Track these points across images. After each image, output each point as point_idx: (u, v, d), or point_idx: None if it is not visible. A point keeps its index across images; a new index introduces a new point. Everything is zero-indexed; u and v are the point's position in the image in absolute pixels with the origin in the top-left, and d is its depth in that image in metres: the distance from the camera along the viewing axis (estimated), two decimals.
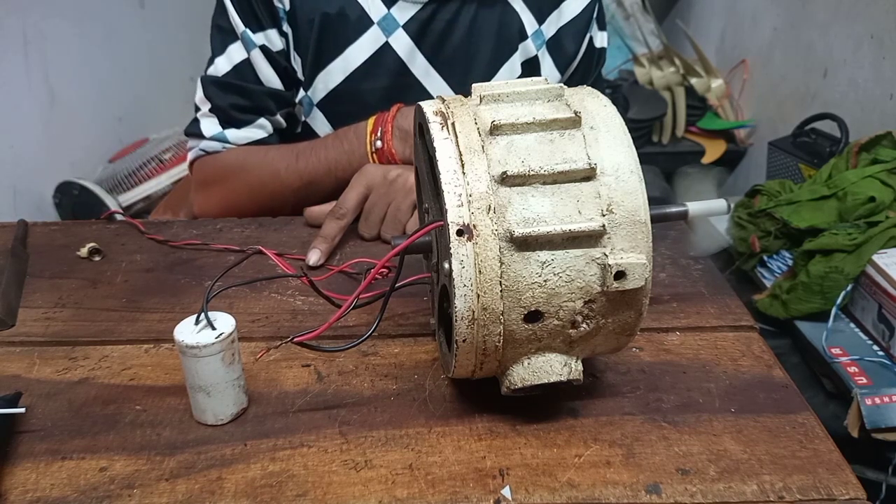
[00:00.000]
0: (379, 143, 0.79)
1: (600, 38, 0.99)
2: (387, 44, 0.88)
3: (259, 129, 0.90)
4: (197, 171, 0.92)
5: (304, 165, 0.84)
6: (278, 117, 0.91)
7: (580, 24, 0.94)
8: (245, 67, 0.88)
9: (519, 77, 0.92)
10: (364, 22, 0.88)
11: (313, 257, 0.73)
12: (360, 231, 0.77)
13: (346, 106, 0.90)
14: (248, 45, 0.87)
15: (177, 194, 1.32)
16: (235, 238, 0.79)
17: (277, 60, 0.88)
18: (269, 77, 0.89)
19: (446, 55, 0.90)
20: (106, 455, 0.49)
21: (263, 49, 0.87)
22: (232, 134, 0.89)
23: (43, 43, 1.73)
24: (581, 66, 0.98)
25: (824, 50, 1.69)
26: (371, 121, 0.81)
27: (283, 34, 0.88)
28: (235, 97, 0.88)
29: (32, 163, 1.75)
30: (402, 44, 0.88)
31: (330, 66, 0.89)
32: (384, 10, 0.88)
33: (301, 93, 0.91)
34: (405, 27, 0.88)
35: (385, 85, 0.89)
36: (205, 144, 0.90)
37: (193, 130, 0.90)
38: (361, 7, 0.87)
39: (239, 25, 0.87)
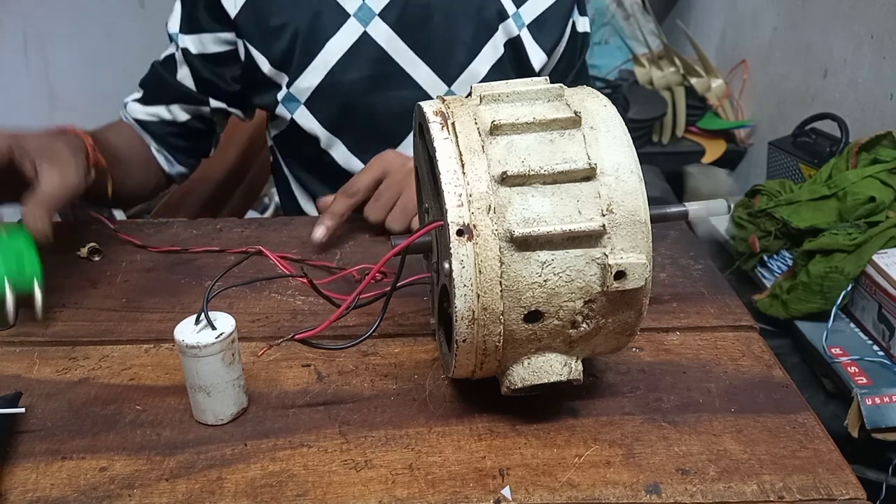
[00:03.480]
0: None
1: (582, 23, 1.00)
2: (365, 33, 0.89)
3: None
4: None
5: None
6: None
7: (563, 6, 0.95)
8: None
9: (503, 57, 0.93)
10: (341, 16, 0.88)
11: (319, 232, 0.73)
12: (367, 213, 0.77)
13: (332, 100, 0.91)
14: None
15: (177, 194, 1.32)
16: (235, 238, 0.79)
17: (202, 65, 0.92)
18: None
19: (426, 39, 0.90)
20: (106, 455, 0.49)
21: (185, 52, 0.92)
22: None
23: (43, 43, 1.73)
24: (567, 52, 0.98)
25: (824, 50, 1.69)
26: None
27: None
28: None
29: None
30: (380, 32, 0.89)
31: (312, 63, 0.89)
32: (359, 0, 0.88)
33: (284, 90, 0.91)
34: (381, 15, 0.89)
35: (368, 74, 0.90)
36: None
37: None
38: (337, 3, 0.88)
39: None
